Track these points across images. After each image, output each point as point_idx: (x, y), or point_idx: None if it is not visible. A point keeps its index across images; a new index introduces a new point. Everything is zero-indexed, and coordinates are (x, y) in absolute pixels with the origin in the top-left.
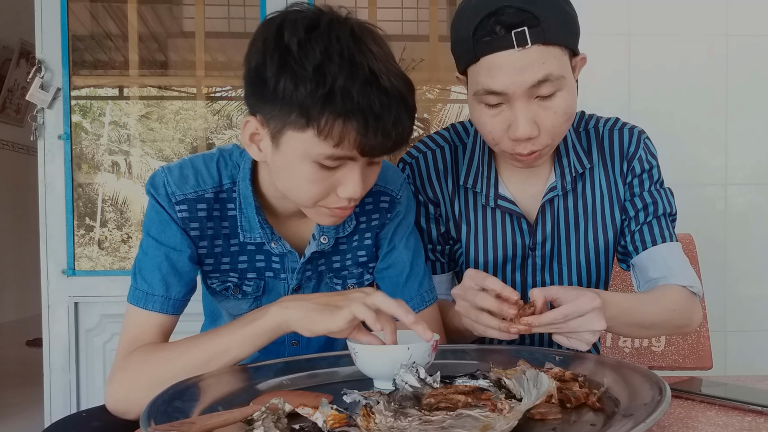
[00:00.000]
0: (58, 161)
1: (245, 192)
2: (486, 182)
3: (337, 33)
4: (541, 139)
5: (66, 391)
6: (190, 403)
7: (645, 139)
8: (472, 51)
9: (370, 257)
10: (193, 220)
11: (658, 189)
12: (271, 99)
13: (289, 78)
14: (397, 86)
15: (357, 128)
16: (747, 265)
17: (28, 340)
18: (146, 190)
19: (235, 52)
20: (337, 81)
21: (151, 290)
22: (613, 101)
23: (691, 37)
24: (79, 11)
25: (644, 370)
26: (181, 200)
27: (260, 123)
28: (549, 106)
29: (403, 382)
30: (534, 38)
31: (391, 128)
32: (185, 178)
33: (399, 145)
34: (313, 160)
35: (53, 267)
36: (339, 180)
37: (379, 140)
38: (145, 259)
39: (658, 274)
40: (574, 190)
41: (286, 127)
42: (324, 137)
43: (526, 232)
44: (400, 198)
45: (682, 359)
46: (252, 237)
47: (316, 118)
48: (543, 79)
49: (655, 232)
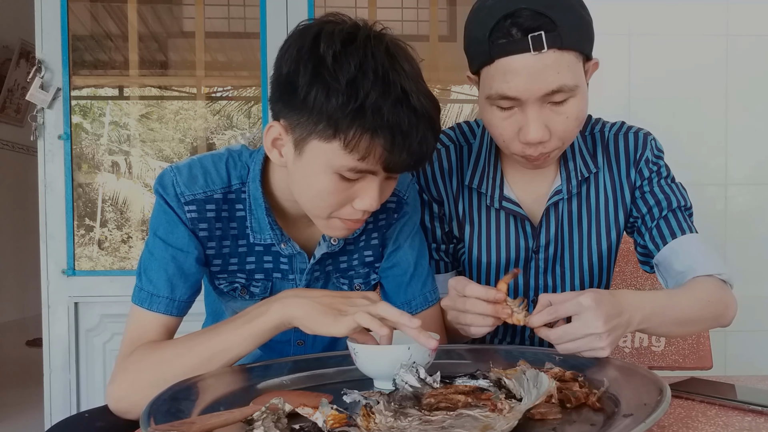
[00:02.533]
0: (58, 161)
1: (255, 193)
2: (491, 183)
3: (373, 50)
4: (551, 142)
5: (66, 391)
6: (190, 403)
7: (651, 141)
8: (487, 53)
9: (377, 257)
10: (202, 220)
11: (669, 184)
12: (299, 107)
13: (322, 89)
14: (426, 106)
15: (384, 144)
16: (747, 265)
17: (28, 340)
18: (154, 190)
19: (235, 52)
20: (369, 96)
21: (156, 291)
22: (613, 101)
23: (691, 37)
24: (79, 11)
25: (644, 370)
26: (190, 200)
27: (284, 129)
28: (561, 111)
29: (403, 382)
30: (550, 43)
31: (416, 147)
32: (194, 178)
33: (421, 163)
34: (335, 171)
35: (53, 267)
36: (357, 192)
37: (404, 158)
38: (151, 259)
39: (684, 266)
40: (578, 194)
41: (312, 136)
42: (350, 150)
43: (529, 234)
44: (407, 198)
45: (682, 359)
46: (262, 238)
47: (344, 131)
48: (557, 89)
49: (673, 226)
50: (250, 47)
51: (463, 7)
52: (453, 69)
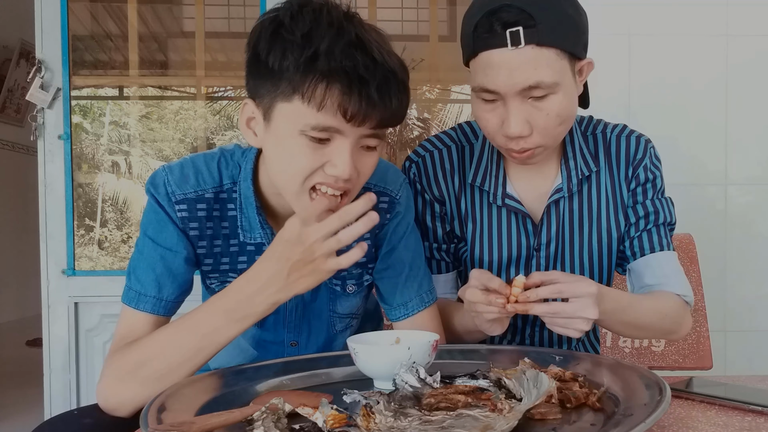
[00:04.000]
0: (58, 161)
1: (246, 192)
2: (494, 181)
3: (329, 8)
4: (533, 138)
5: (66, 391)
6: (190, 403)
7: (651, 148)
8: (471, 46)
9: (370, 258)
10: (193, 219)
11: (660, 198)
12: (263, 74)
13: (279, 48)
14: (386, 59)
15: (340, 89)
16: (747, 265)
17: (28, 340)
18: (146, 189)
19: (235, 52)
20: (322, 43)
21: (143, 290)
22: (613, 101)
23: (691, 37)
24: (79, 11)
25: (644, 370)
26: (181, 200)
27: (255, 105)
28: (542, 108)
29: (403, 382)
30: (528, 39)
31: (375, 96)
32: (186, 178)
33: (387, 119)
34: (301, 132)
35: (53, 267)
36: (328, 156)
37: (363, 107)
38: (140, 258)
39: (654, 281)
40: (579, 192)
41: (276, 100)
42: (308, 102)
43: (531, 232)
44: (399, 198)
45: (682, 359)
46: (252, 237)
47: (300, 82)
48: (534, 85)
49: (654, 240)
50: None
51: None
52: (453, 69)
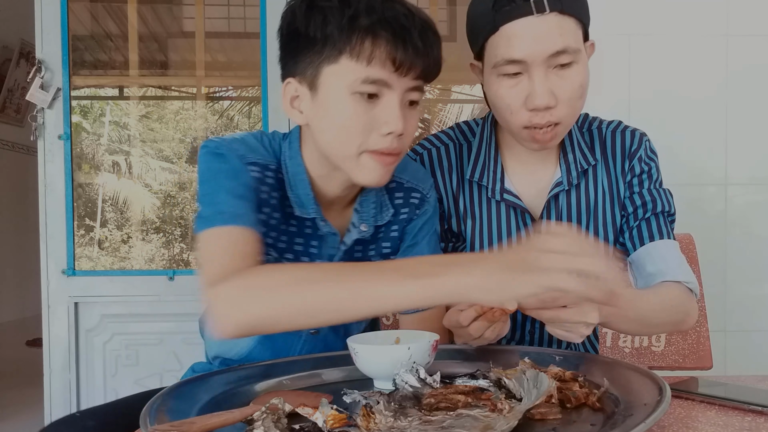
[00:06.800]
0: (58, 161)
1: (295, 169)
2: (492, 176)
3: None
4: (558, 110)
5: (66, 391)
6: (190, 403)
7: (646, 141)
8: (491, 22)
9: (394, 249)
10: (263, 183)
11: (657, 188)
12: (304, 46)
13: (318, 16)
14: (422, 15)
15: (387, 38)
16: (747, 265)
17: (28, 340)
18: (207, 153)
19: (235, 52)
20: (360, 2)
21: (237, 211)
22: (613, 101)
23: (691, 37)
24: (79, 11)
25: (644, 370)
26: (253, 162)
27: (298, 81)
28: (566, 76)
29: (403, 382)
30: (552, 5)
31: (420, 43)
32: (251, 148)
33: (429, 69)
34: (351, 91)
35: (53, 267)
36: (379, 116)
37: (411, 54)
38: (219, 193)
39: (655, 268)
40: (577, 186)
41: (322, 66)
42: (357, 58)
43: (530, 227)
44: (429, 198)
45: (682, 359)
46: (306, 212)
47: (346, 42)
48: (561, 50)
49: (653, 229)
50: (250, 47)
51: (462, 7)
52: (453, 69)
